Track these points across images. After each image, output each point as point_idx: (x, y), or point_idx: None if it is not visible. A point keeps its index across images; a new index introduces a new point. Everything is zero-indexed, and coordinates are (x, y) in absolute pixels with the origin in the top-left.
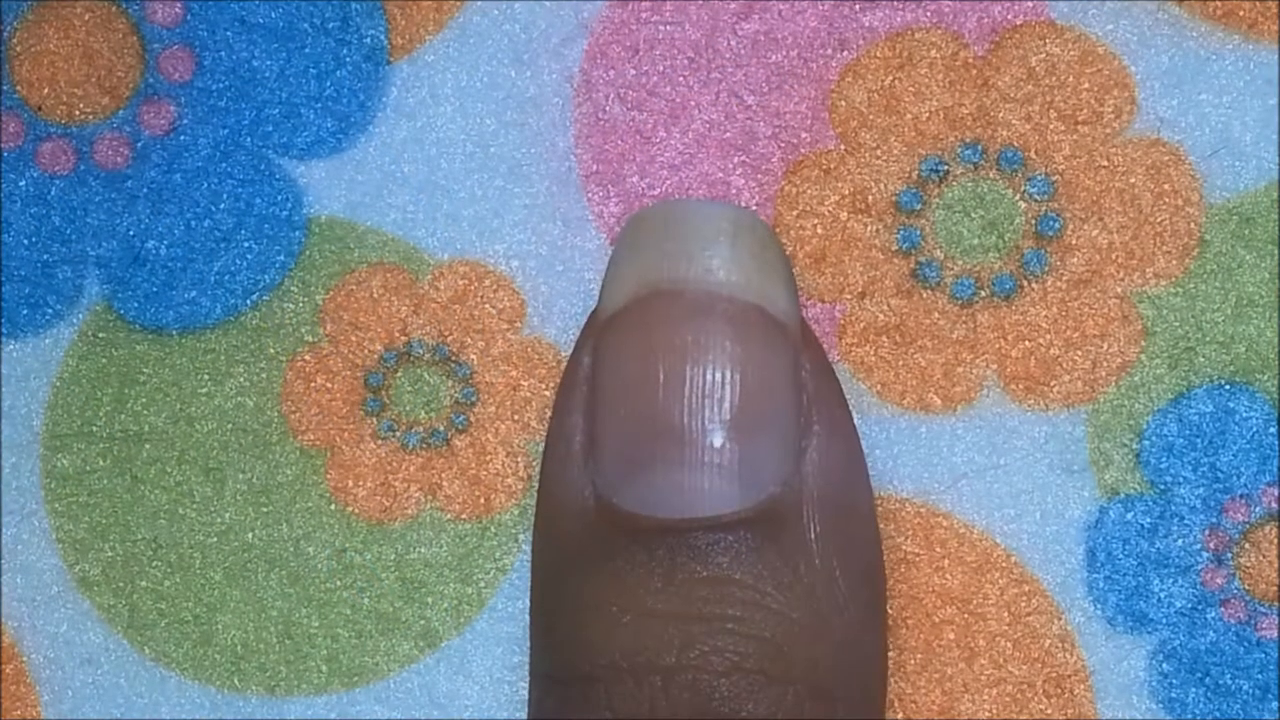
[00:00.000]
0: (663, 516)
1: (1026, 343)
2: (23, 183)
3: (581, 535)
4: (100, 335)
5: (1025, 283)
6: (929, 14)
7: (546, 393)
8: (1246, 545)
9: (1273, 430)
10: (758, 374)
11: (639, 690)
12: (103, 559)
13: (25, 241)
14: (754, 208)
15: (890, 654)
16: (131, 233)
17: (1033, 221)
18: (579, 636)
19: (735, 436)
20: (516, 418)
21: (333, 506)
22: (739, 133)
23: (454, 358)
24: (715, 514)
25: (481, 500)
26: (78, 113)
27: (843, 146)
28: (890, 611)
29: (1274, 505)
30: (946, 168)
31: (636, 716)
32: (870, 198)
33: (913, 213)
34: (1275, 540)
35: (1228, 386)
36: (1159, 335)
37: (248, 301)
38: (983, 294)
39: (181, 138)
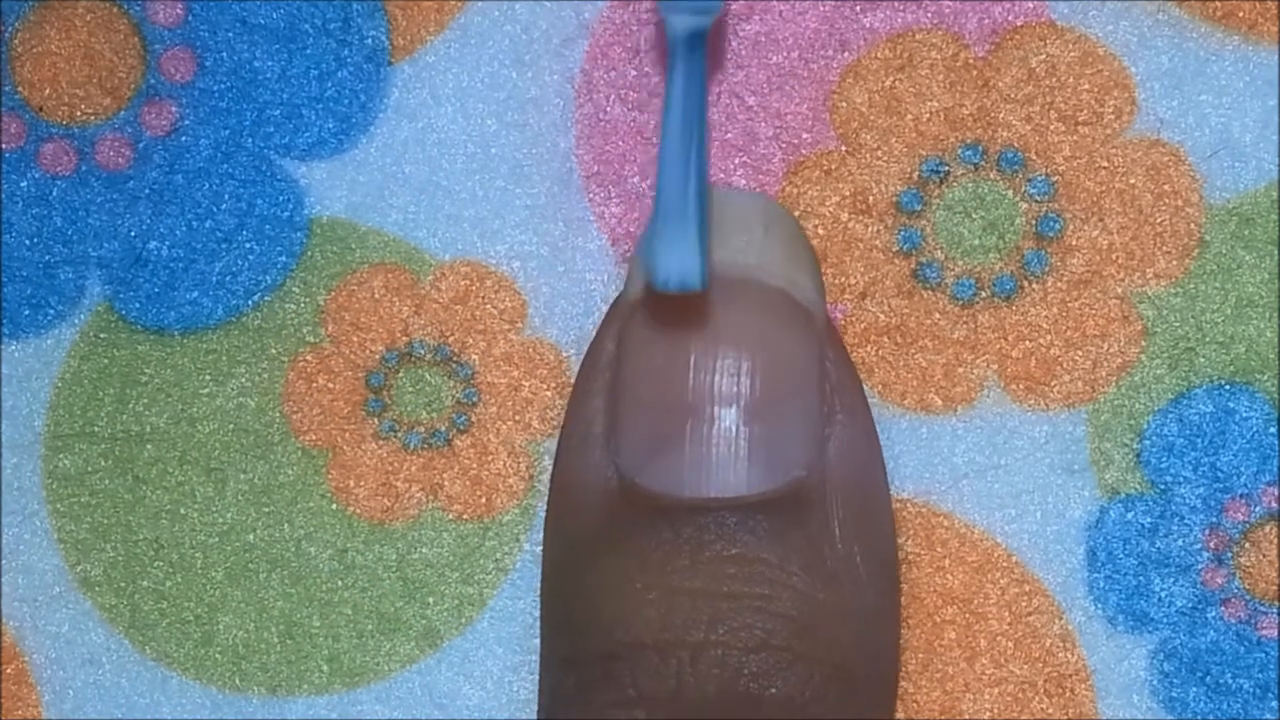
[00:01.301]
0: (689, 496)
1: (1027, 343)
2: (24, 183)
3: (603, 517)
4: (102, 336)
5: (1026, 283)
6: (930, 15)
7: (548, 393)
8: (1247, 545)
9: (1273, 430)
10: (784, 358)
11: (665, 666)
12: (104, 559)
13: (27, 242)
14: None
15: None
16: (133, 233)
17: (1033, 222)
18: (601, 616)
19: (761, 419)
20: (518, 418)
21: (334, 507)
22: (740, 133)
23: (455, 358)
24: (741, 495)
25: (483, 500)
26: (79, 113)
27: (843, 147)
28: None
29: (1274, 505)
30: (947, 168)
31: (662, 692)
32: (871, 198)
33: (913, 213)
34: (1275, 540)
35: (1228, 386)
36: (1159, 335)
37: (249, 302)
38: (983, 294)
39: (183, 138)
